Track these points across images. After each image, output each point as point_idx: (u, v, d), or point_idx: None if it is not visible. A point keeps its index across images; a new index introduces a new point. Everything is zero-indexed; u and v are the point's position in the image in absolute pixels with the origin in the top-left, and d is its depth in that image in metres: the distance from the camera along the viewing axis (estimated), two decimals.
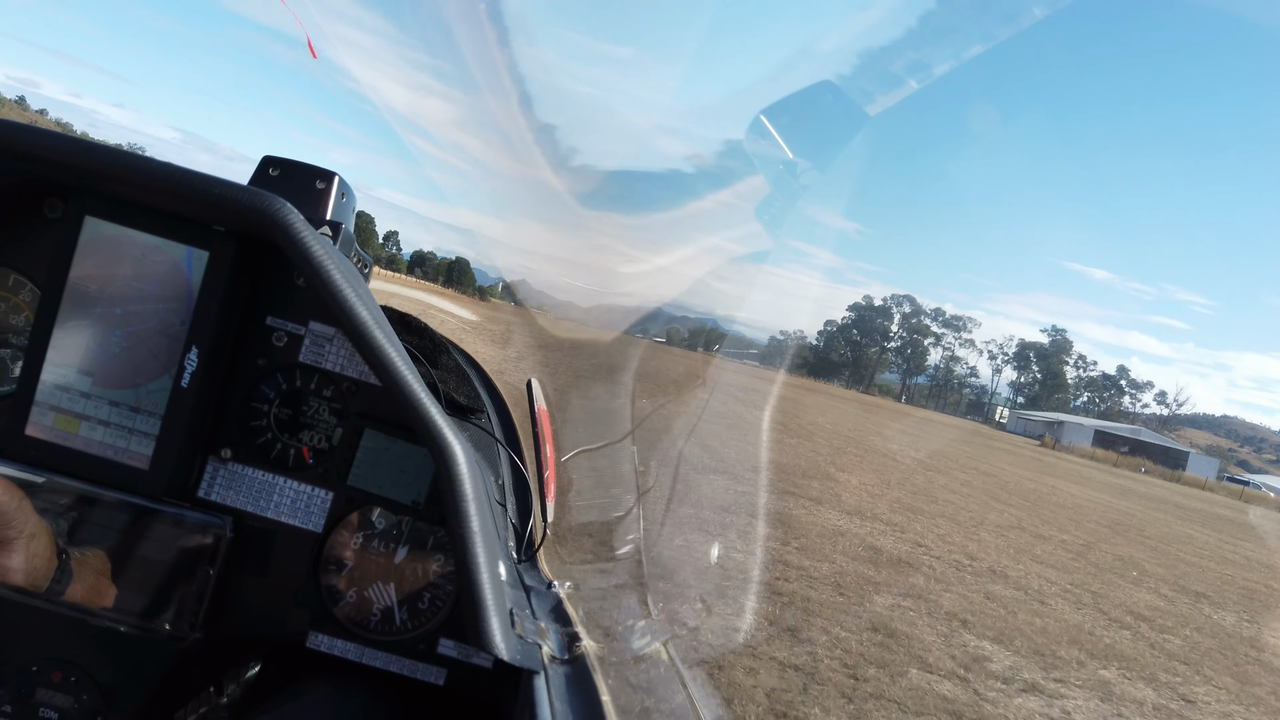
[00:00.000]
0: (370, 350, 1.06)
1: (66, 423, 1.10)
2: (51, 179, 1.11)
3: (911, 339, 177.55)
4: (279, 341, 1.20)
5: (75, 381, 1.10)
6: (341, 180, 1.34)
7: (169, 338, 1.10)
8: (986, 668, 5.51)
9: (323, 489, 1.20)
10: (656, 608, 1.75)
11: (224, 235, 1.10)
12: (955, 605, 6.91)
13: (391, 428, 1.21)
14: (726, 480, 9.51)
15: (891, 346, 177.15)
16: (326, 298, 1.05)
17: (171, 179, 1.03)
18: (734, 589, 5.24)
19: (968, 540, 10.45)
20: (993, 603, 7.36)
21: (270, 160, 1.32)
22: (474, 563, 1.06)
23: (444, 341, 1.65)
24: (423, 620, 1.22)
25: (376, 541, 1.22)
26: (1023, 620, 6.98)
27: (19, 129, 1.03)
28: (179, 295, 1.10)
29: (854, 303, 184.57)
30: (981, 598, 7.44)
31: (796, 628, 5.46)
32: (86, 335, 1.09)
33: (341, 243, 1.30)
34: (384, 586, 1.22)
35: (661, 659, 1.53)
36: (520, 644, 1.10)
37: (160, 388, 1.11)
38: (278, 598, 1.20)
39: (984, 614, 6.87)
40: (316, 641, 1.20)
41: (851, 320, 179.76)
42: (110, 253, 1.09)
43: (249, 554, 1.19)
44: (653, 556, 1.94)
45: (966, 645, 5.89)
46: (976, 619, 6.65)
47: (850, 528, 9.22)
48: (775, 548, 7.49)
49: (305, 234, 1.04)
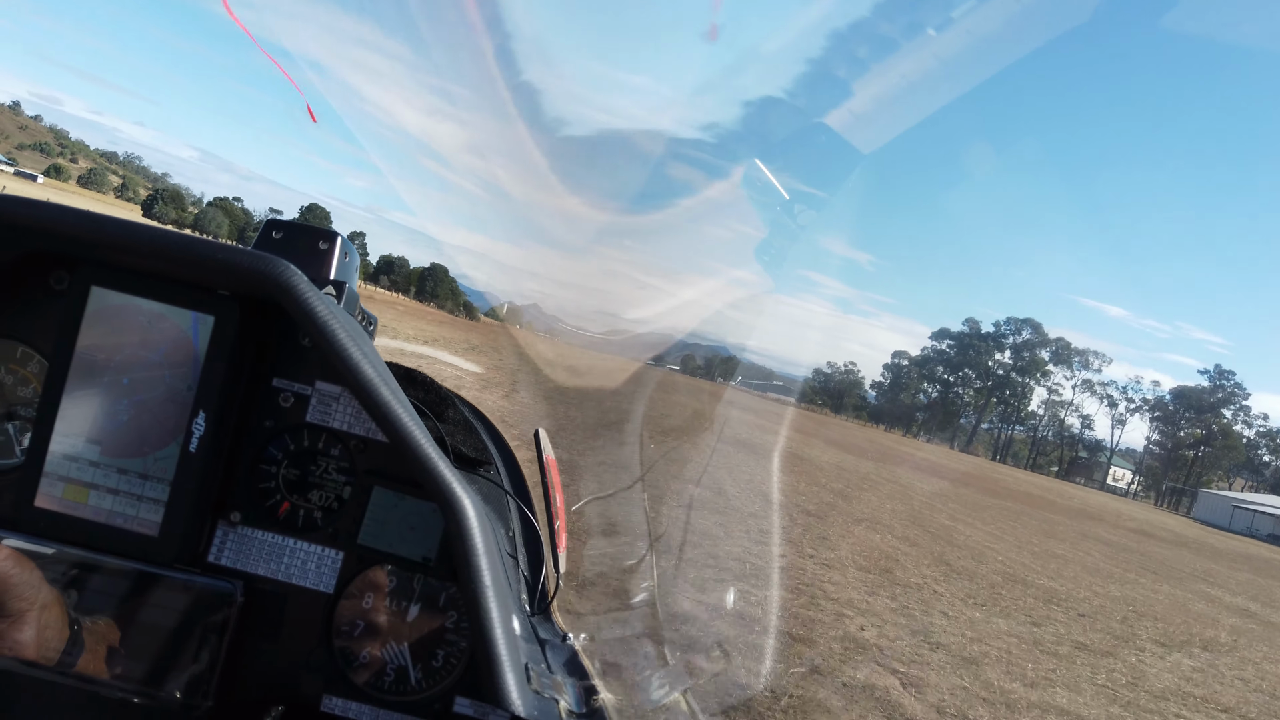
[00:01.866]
0: (376, 407, 1.06)
1: (76, 492, 1.10)
2: (57, 251, 1.13)
3: (1020, 377, 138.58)
4: (286, 402, 1.20)
5: (84, 451, 1.10)
6: (344, 240, 1.36)
7: (176, 404, 1.11)
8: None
9: (333, 549, 1.19)
10: (674, 657, 1.72)
11: (229, 299, 1.12)
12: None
13: (400, 484, 1.20)
14: None
15: (981, 386, 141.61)
16: (332, 357, 1.05)
17: (176, 247, 1.04)
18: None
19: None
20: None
21: (273, 224, 1.35)
22: (488, 618, 1.05)
23: (449, 395, 1.66)
24: (437, 679, 1.20)
25: (388, 600, 1.21)
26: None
27: (24, 204, 1.05)
28: (185, 361, 1.11)
29: (942, 328, 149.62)
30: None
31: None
32: (94, 405, 1.10)
33: (345, 302, 1.31)
34: (397, 646, 1.20)
35: (681, 709, 1.50)
36: (537, 699, 1.08)
37: (168, 454, 1.11)
38: (290, 661, 1.18)
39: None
40: (331, 705, 1.18)
41: (943, 351, 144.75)
42: (116, 322, 1.10)
43: (260, 618, 1.17)
44: None
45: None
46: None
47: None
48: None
49: (309, 295, 1.05)
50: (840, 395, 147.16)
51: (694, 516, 7.93)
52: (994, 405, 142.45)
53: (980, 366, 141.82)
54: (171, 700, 1.10)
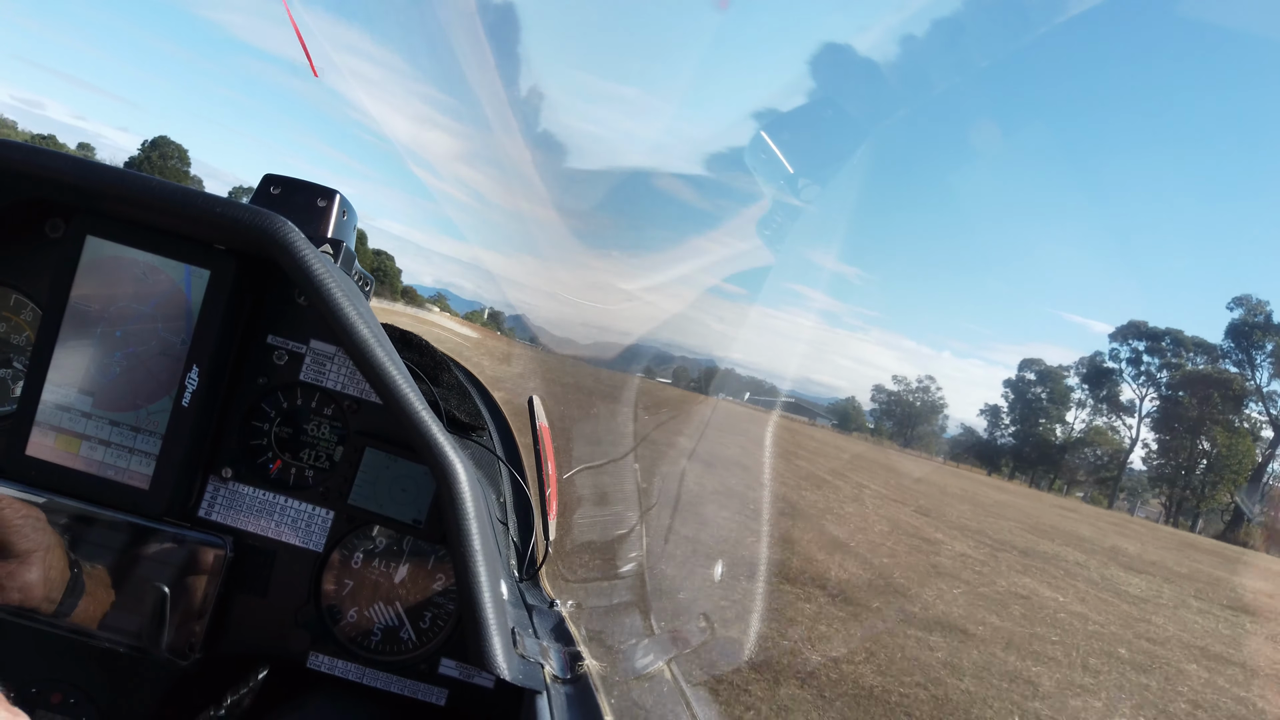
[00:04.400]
0: (371, 368, 1.06)
1: (67, 443, 1.09)
2: (53, 199, 1.11)
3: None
4: (280, 360, 1.19)
5: (76, 401, 1.09)
6: (343, 198, 1.34)
7: (170, 358, 1.10)
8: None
9: (323, 508, 1.20)
10: (659, 625, 1.74)
11: (225, 254, 1.10)
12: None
13: (393, 446, 1.20)
14: None
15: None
16: (327, 316, 1.05)
17: (173, 198, 1.03)
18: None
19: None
20: None
21: (271, 179, 1.33)
22: (475, 582, 1.05)
23: (445, 359, 1.65)
24: (424, 640, 1.21)
25: (377, 561, 1.21)
26: None
27: (21, 149, 1.03)
28: (179, 315, 1.10)
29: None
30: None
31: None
32: (87, 356, 1.09)
33: (342, 261, 1.30)
34: (385, 606, 1.21)
35: (665, 678, 1.52)
36: (522, 664, 1.09)
37: (161, 408, 1.10)
38: (278, 617, 1.19)
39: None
40: (317, 662, 1.19)
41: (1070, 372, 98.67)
42: (111, 273, 1.09)
43: (249, 574, 1.18)
44: None
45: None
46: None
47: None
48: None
49: (306, 252, 1.04)
50: (910, 423, 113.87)
51: None
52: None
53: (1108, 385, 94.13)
54: (159, 652, 1.11)
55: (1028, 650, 6.92)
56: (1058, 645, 7.42)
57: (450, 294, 67.87)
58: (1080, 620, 8.89)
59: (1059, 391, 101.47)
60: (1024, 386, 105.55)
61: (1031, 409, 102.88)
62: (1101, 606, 10.20)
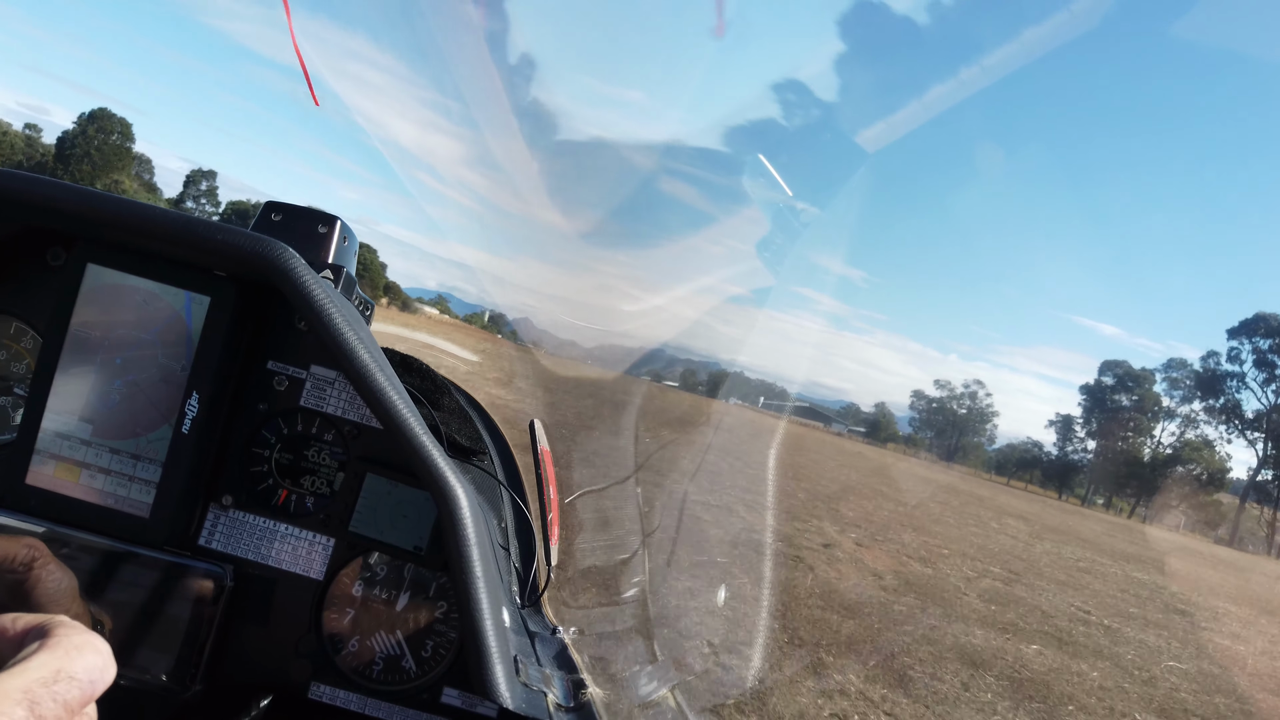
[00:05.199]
0: (371, 393, 1.05)
1: (67, 471, 1.09)
2: (55, 227, 1.12)
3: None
4: (280, 386, 1.19)
5: (76, 429, 1.09)
6: (344, 224, 1.34)
7: (170, 385, 1.10)
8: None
9: (324, 535, 1.19)
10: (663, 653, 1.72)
11: (225, 280, 1.11)
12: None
13: (393, 471, 1.19)
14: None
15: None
16: (328, 341, 1.05)
17: (175, 226, 1.03)
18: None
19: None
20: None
21: (273, 206, 1.33)
22: (477, 609, 1.04)
23: (445, 383, 1.65)
24: (426, 669, 1.20)
25: (379, 589, 1.20)
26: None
27: (23, 179, 1.04)
28: (179, 341, 1.10)
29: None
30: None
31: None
32: (87, 383, 1.09)
33: (343, 286, 1.30)
34: (387, 635, 1.20)
35: (669, 705, 1.50)
36: (525, 692, 1.08)
37: (161, 436, 1.10)
38: (279, 647, 1.17)
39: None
40: (319, 692, 1.17)
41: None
42: (112, 300, 1.09)
43: (250, 603, 1.17)
44: None
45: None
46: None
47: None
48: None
49: (307, 278, 1.04)
50: (953, 433, 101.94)
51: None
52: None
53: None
54: (159, 683, 1.10)
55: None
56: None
57: (452, 297, 67.16)
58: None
59: (1148, 399, 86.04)
60: (1102, 392, 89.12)
61: (1114, 419, 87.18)
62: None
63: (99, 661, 0.58)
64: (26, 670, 0.54)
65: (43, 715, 0.52)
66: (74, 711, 0.55)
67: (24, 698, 0.52)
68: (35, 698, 0.52)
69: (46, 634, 0.58)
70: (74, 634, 0.59)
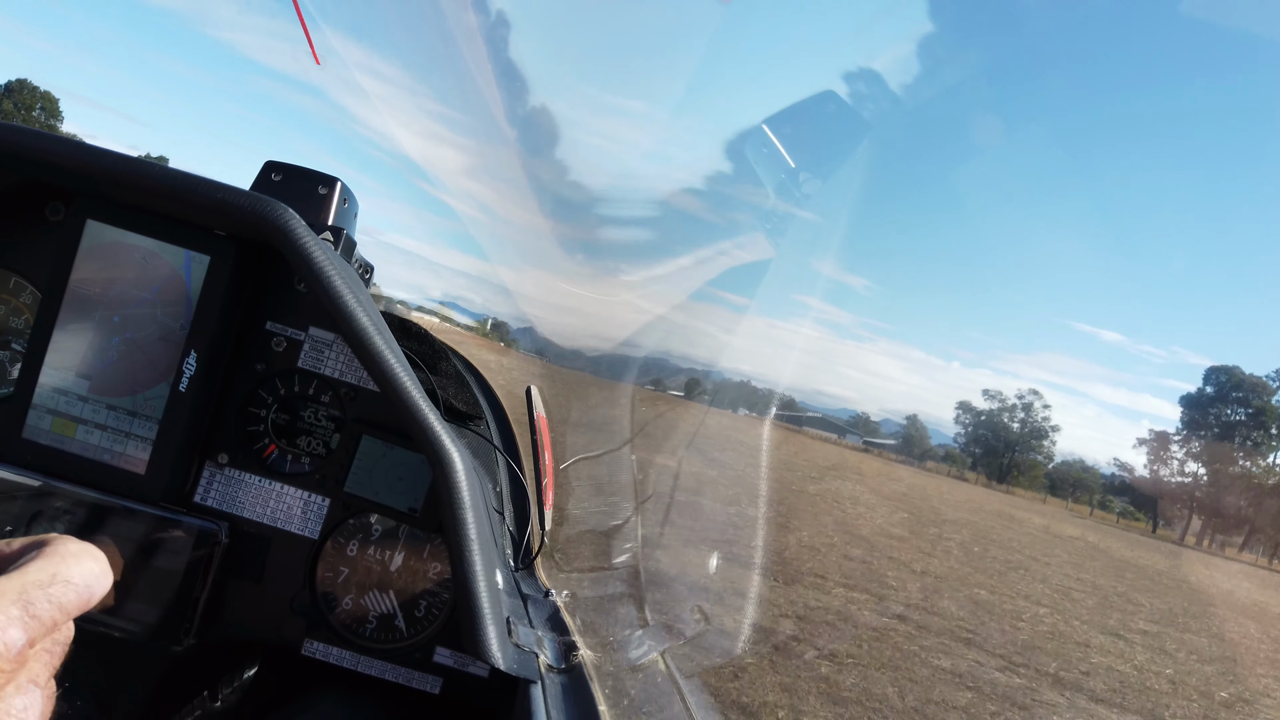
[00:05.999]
0: (369, 356, 1.06)
1: (63, 426, 1.09)
2: (54, 183, 1.11)
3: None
4: (278, 346, 1.19)
5: (73, 385, 1.09)
6: (344, 186, 1.34)
7: (168, 343, 1.10)
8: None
9: (319, 495, 1.20)
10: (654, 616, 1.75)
11: (225, 240, 1.10)
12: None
13: (389, 434, 1.20)
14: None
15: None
16: (326, 303, 1.04)
17: (175, 183, 1.03)
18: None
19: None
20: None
21: (272, 165, 1.32)
22: (471, 571, 1.06)
23: (444, 348, 1.65)
24: (419, 628, 1.22)
25: (373, 549, 1.22)
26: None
27: (23, 133, 1.03)
28: (178, 300, 1.10)
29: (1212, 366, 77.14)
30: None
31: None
32: (85, 340, 1.09)
33: (343, 248, 1.30)
34: (380, 594, 1.21)
35: (659, 668, 1.53)
36: (517, 653, 1.10)
37: (158, 393, 1.10)
38: (273, 604, 1.19)
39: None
40: (312, 649, 1.19)
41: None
42: (111, 258, 1.09)
43: (245, 560, 1.18)
44: None
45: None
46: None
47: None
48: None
49: (306, 239, 1.04)
50: (1005, 451, 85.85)
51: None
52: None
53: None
54: (152, 637, 1.11)
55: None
56: None
57: (458, 306, 66.64)
58: None
59: (1270, 413, 70.83)
60: (1207, 403, 74.50)
61: (1227, 437, 72.04)
62: None
63: (96, 569, 0.59)
64: (24, 573, 0.54)
65: (37, 614, 0.53)
66: (70, 614, 0.56)
67: (19, 598, 0.52)
68: (30, 598, 0.53)
69: (45, 545, 0.59)
70: (71, 544, 0.59)
